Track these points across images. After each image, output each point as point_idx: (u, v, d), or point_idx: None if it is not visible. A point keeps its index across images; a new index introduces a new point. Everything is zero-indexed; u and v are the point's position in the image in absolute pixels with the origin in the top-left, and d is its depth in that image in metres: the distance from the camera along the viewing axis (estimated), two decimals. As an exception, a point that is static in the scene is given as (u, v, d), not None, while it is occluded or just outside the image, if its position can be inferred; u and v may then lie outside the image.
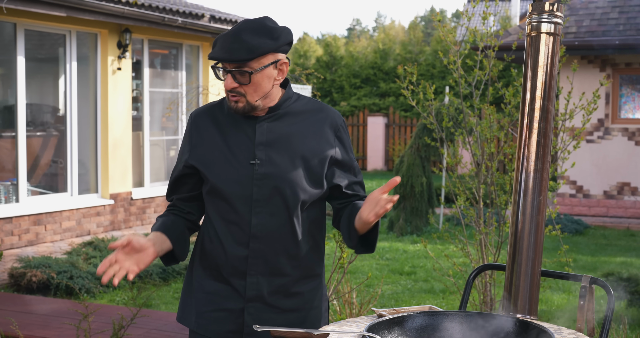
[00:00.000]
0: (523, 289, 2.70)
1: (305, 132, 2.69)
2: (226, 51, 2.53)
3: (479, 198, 6.53)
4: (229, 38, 2.55)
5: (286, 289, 2.69)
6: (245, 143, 2.65)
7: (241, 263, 2.64)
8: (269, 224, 2.63)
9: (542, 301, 7.45)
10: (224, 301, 2.67)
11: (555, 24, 2.73)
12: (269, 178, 2.63)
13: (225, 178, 2.63)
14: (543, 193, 2.72)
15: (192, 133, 2.74)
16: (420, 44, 25.15)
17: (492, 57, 6.32)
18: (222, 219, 2.66)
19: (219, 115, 2.72)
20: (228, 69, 2.56)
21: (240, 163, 2.63)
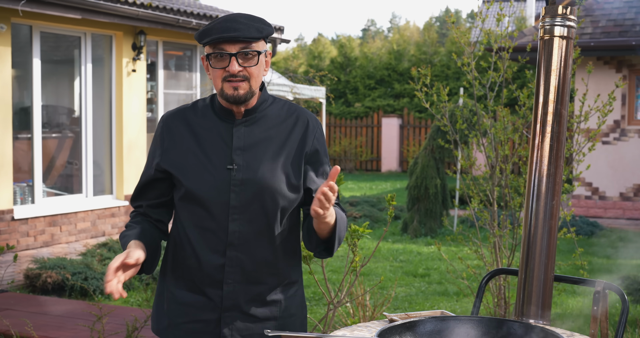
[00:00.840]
0: (536, 294, 2.68)
1: (282, 137, 2.62)
2: (234, 30, 2.46)
3: (493, 200, 6.51)
4: (229, 22, 2.49)
5: (263, 297, 2.63)
6: (222, 148, 2.57)
7: (217, 272, 2.57)
8: (246, 231, 2.56)
9: (557, 304, 7.42)
10: (199, 312, 2.59)
11: (569, 28, 2.71)
12: (247, 183, 2.55)
13: (201, 184, 2.55)
14: (556, 198, 2.71)
15: (163, 136, 2.64)
16: (435, 45, 25.10)
17: (507, 58, 6.30)
18: (195, 226, 2.58)
19: (192, 118, 2.64)
20: (232, 52, 2.48)
21: (216, 168, 2.56)
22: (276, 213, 2.58)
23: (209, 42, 2.47)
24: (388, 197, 3.70)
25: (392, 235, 11.67)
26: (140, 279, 7.92)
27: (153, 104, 12.23)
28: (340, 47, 26.01)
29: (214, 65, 2.51)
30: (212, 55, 2.50)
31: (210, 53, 2.51)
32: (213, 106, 2.64)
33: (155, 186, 2.65)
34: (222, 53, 2.49)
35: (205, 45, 2.51)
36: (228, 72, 2.49)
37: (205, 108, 2.64)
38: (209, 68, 2.55)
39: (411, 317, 2.67)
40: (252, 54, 2.51)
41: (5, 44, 9.28)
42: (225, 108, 2.60)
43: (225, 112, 2.60)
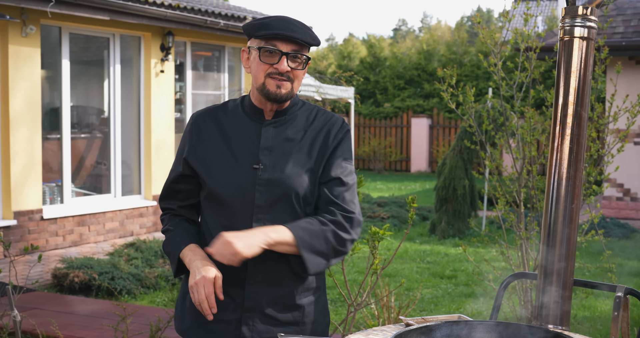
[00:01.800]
0: (554, 299, 2.64)
1: (309, 140, 2.62)
2: (292, 31, 2.48)
3: (519, 202, 6.45)
4: (286, 22, 2.52)
5: (285, 301, 2.61)
6: (249, 147, 2.58)
7: (240, 272, 2.55)
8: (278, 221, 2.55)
9: (585, 307, 7.33)
10: (221, 312, 2.56)
11: (589, 28, 2.67)
12: (272, 184, 2.55)
13: (225, 182, 2.55)
14: (575, 201, 2.66)
15: (192, 133, 2.66)
16: (465, 45, 24.97)
17: (534, 59, 6.23)
18: (220, 225, 2.57)
19: (221, 117, 2.65)
20: (283, 51, 2.50)
21: (242, 167, 2.56)
22: (300, 213, 2.58)
23: (266, 36, 2.48)
24: (409, 199, 3.67)
25: (419, 236, 11.61)
26: (166, 279, 7.96)
27: (181, 105, 12.28)
28: (370, 47, 25.95)
29: (263, 59, 2.51)
30: (264, 49, 2.51)
31: (262, 46, 2.51)
32: (243, 106, 2.66)
33: (184, 185, 2.66)
34: (275, 50, 2.50)
35: (258, 37, 2.52)
36: (276, 69, 2.51)
37: (235, 108, 2.66)
38: (253, 61, 2.55)
39: (427, 321, 2.64)
40: (301, 59, 2.54)
41: (35, 45, 9.37)
42: (256, 107, 2.62)
43: (256, 111, 2.62)
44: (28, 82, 9.31)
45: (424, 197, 16.50)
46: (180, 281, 7.92)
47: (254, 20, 2.56)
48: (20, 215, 9.23)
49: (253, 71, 2.55)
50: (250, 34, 2.54)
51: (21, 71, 9.23)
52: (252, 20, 2.57)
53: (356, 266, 9.11)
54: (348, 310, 4.03)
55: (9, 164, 9.14)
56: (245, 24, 2.58)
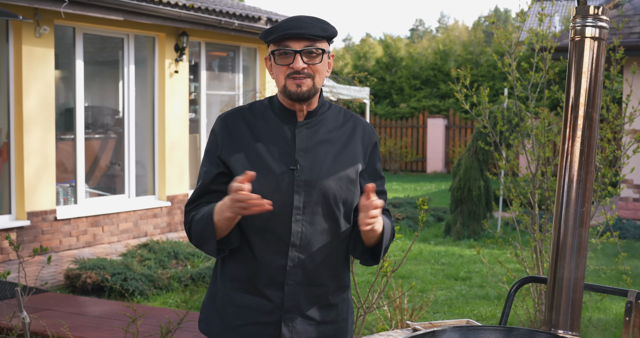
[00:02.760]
0: (565, 304, 2.59)
1: (342, 140, 2.63)
2: (299, 28, 2.47)
3: (534, 203, 6.38)
4: (294, 21, 2.50)
5: (322, 300, 2.61)
6: (284, 148, 2.56)
7: (278, 273, 2.54)
8: (308, 232, 2.54)
9: (599, 309, 7.25)
10: (258, 314, 2.56)
11: (601, 28, 2.61)
12: (310, 185, 2.54)
13: (265, 184, 2.51)
14: (586, 204, 2.61)
15: (223, 134, 2.60)
16: (482, 45, 24.86)
17: (548, 59, 6.17)
18: (256, 227, 2.54)
19: (251, 119, 2.62)
20: (297, 49, 2.49)
21: (279, 169, 2.53)
22: (337, 214, 2.58)
23: (274, 39, 2.48)
24: (420, 201, 3.63)
25: (434, 237, 11.55)
26: (179, 280, 7.95)
27: (196, 105, 12.28)
28: (386, 47, 25.89)
29: (278, 62, 2.51)
30: (277, 52, 2.51)
31: (274, 50, 2.52)
32: (273, 107, 2.63)
33: (218, 185, 2.59)
34: (287, 50, 2.49)
35: (270, 43, 2.52)
36: (292, 68, 2.49)
37: (265, 109, 2.63)
38: (272, 67, 2.56)
39: (435, 326, 2.60)
40: (316, 53, 2.52)
41: (49, 45, 9.39)
42: (287, 109, 2.60)
43: (288, 113, 2.60)
44: (42, 82, 9.33)
45: (439, 198, 16.42)
46: (193, 283, 7.90)
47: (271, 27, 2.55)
48: (34, 216, 9.24)
49: (275, 76, 2.56)
50: (265, 41, 2.55)
51: (35, 72, 9.24)
52: (267, 28, 2.56)
53: (370, 267, 9.07)
54: (357, 313, 3.98)
55: (22, 165, 9.16)
56: (260, 34, 2.57)
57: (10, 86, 9.17)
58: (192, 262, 8.64)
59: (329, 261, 2.60)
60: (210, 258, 8.81)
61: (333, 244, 2.60)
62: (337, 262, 2.63)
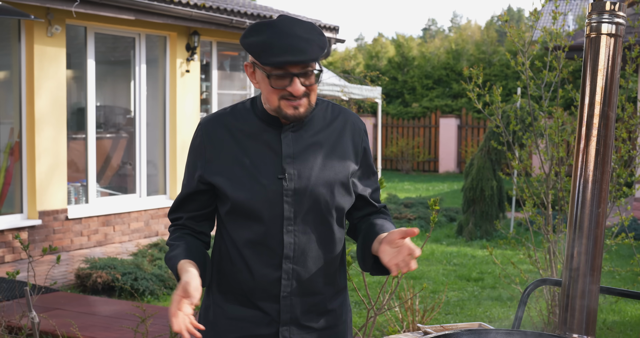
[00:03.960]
0: (580, 307, 2.53)
1: (331, 141, 2.49)
2: (299, 52, 2.26)
3: (547, 203, 6.32)
4: (290, 38, 2.27)
5: (319, 308, 2.53)
6: (269, 156, 2.42)
7: (273, 286, 2.44)
8: (301, 242, 2.43)
9: (614, 311, 7.18)
10: (254, 326, 2.47)
11: (617, 25, 2.56)
12: (300, 193, 2.41)
13: (252, 196, 2.39)
14: (602, 205, 2.55)
15: (204, 144, 2.46)
16: (494, 44, 24.75)
17: (562, 58, 6.10)
18: (247, 240, 2.43)
19: (232, 124, 2.46)
20: (294, 72, 2.28)
21: (267, 178, 2.40)
22: (331, 221, 2.47)
23: (275, 65, 2.26)
24: (431, 202, 3.57)
25: (446, 237, 11.48)
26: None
27: (207, 105, 12.25)
28: (398, 46, 25.82)
29: (275, 84, 2.31)
30: (274, 75, 2.30)
31: (270, 74, 2.30)
32: (255, 111, 2.47)
33: (197, 199, 2.50)
34: (286, 74, 2.29)
35: (263, 64, 2.29)
36: (288, 91, 2.32)
37: (247, 113, 2.48)
38: (261, 81, 2.36)
39: (446, 329, 2.55)
40: (312, 72, 2.34)
41: (60, 45, 9.38)
42: (270, 114, 2.43)
43: (270, 117, 2.44)
44: (53, 82, 9.32)
45: (451, 198, 16.35)
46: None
47: (250, 35, 2.31)
48: (45, 215, 9.24)
49: (264, 92, 2.37)
50: (258, 60, 2.30)
51: (47, 71, 9.24)
52: (250, 37, 2.32)
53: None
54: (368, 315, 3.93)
55: (34, 164, 9.15)
56: (243, 40, 2.33)
57: (22, 86, 9.16)
58: (203, 262, 8.61)
59: (324, 269, 2.49)
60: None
61: (327, 251, 2.50)
62: (332, 269, 2.53)
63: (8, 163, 9.36)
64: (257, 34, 2.30)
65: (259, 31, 2.30)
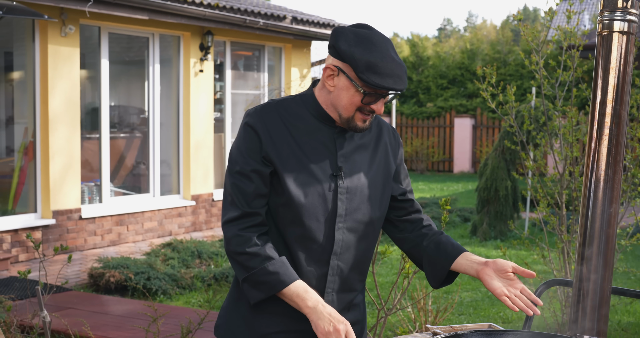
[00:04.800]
0: (591, 308, 2.50)
1: (372, 145, 2.57)
2: (401, 81, 2.37)
3: (561, 203, 6.28)
4: (394, 63, 2.36)
5: (351, 303, 2.58)
6: (324, 154, 2.46)
7: (319, 281, 2.47)
8: (348, 239, 2.49)
9: (629, 312, 7.12)
10: (295, 322, 2.45)
11: (630, 22, 2.53)
12: (352, 192, 2.48)
13: (309, 191, 2.41)
14: (614, 205, 2.52)
15: (262, 131, 2.42)
16: (510, 44, 24.65)
17: (577, 57, 6.06)
18: (297, 236, 2.44)
19: (286, 117, 2.46)
20: (384, 94, 2.39)
21: (324, 176, 2.44)
22: (374, 220, 2.55)
23: (379, 87, 2.33)
24: (442, 202, 3.55)
25: (461, 237, 11.43)
26: (202, 279, 7.91)
27: (221, 104, 12.25)
28: (413, 46, 25.76)
29: (365, 101, 2.38)
30: (368, 93, 2.37)
31: (365, 91, 2.37)
32: (308, 108, 2.49)
33: (265, 193, 2.43)
34: (379, 94, 2.39)
35: (364, 81, 2.34)
36: (370, 108, 2.41)
37: (300, 110, 2.49)
38: (345, 91, 2.40)
39: (456, 330, 2.53)
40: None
41: (74, 44, 9.40)
42: (325, 113, 2.48)
43: (326, 117, 2.48)
44: (67, 82, 9.35)
45: (466, 198, 16.28)
46: (216, 283, 7.85)
47: (355, 46, 2.35)
48: (59, 214, 9.26)
49: (343, 101, 2.41)
50: (353, 67, 2.35)
51: (60, 71, 9.26)
52: (353, 47, 2.35)
53: (395, 267, 8.98)
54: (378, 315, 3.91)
55: (48, 164, 9.18)
56: (346, 48, 2.36)
57: (36, 85, 9.19)
58: (216, 262, 8.61)
59: (361, 266, 2.57)
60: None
61: (367, 249, 2.57)
62: (366, 266, 2.61)
63: (22, 162, 9.39)
64: (363, 49, 2.36)
65: (365, 46, 2.36)
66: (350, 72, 2.37)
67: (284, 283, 2.34)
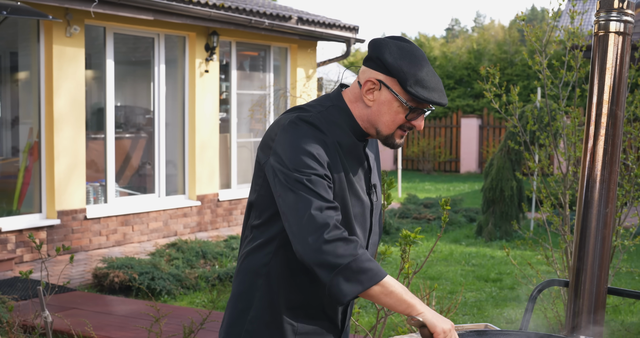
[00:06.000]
0: (587, 308, 2.51)
1: (376, 156, 2.58)
2: (444, 96, 2.34)
3: (564, 204, 6.27)
4: (437, 78, 2.34)
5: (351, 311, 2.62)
6: (360, 171, 2.42)
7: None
8: (371, 253, 2.51)
9: (632, 313, 7.10)
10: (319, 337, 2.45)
11: (625, 23, 2.53)
12: (376, 206, 2.50)
13: (356, 211, 2.38)
14: (610, 205, 2.52)
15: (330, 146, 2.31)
16: (517, 44, 24.62)
17: (580, 57, 6.05)
18: None
19: (331, 132, 2.36)
20: (426, 110, 2.35)
21: (362, 193, 2.41)
22: (381, 232, 2.59)
23: (427, 101, 2.29)
24: (442, 202, 3.54)
25: (466, 238, 11.42)
26: (206, 280, 7.92)
27: (227, 105, 12.26)
28: (420, 46, 25.74)
29: (410, 117, 2.33)
30: (413, 108, 2.32)
31: (414, 107, 2.32)
32: (345, 121, 2.39)
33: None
34: (424, 111, 2.35)
35: (412, 95, 2.28)
36: (411, 124, 2.36)
37: (339, 121, 2.39)
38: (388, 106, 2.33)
39: (452, 330, 2.52)
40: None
41: (79, 45, 9.42)
42: (359, 128, 2.40)
43: (360, 132, 2.41)
44: (72, 82, 9.37)
45: (472, 198, 16.27)
46: (220, 283, 7.86)
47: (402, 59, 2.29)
48: (64, 215, 9.29)
49: (384, 117, 2.34)
50: (401, 81, 2.29)
51: (65, 71, 9.29)
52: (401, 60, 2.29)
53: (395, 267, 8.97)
54: (378, 315, 3.91)
55: (53, 164, 9.20)
56: (393, 61, 2.30)
57: (41, 86, 9.22)
58: (220, 262, 8.62)
59: None
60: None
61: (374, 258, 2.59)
62: None
63: (27, 162, 9.42)
64: (409, 63, 2.30)
65: (410, 60, 2.31)
66: (395, 86, 2.31)
67: (382, 273, 2.20)
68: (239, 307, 2.43)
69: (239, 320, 2.42)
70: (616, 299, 7.22)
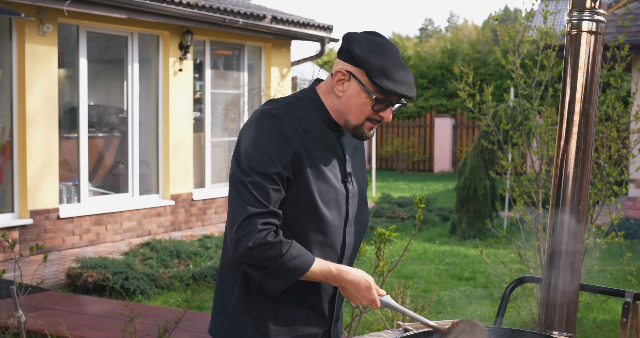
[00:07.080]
0: (560, 305, 2.53)
1: (359, 145, 2.62)
2: (412, 89, 2.38)
3: (537, 202, 6.32)
4: (406, 72, 2.38)
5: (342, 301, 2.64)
6: (335, 159, 2.46)
7: (331, 286, 2.50)
8: (353, 242, 2.54)
9: (605, 310, 7.18)
10: (306, 327, 2.48)
11: (598, 22, 2.56)
12: (355, 196, 2.52)
13: (327, 197, 2.41)
14: (582, 203, 2.55)
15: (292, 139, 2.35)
16: (490, 44, 24.76)
17: (553, 56, 6.10)
18: (317, 242, 2.42)
19: (302, 123, 2.40)
20: (394, 101, 2.40)
21: (337, 181, 2.44)
22: (367, 220, 2.61)
23: (392, 93, 2.34)
24: (417, 200, 3.56)
25: (440, 236, 11.48)
26: (180, 279, 7.90)
27: (201, 104, 12.23)
28: (393, 46, 25.82)
29: (376, 108, 2.38)
30: (379, 99, 2.37)
31: (380, 98, 2.37)
32: (317, 112, 2.45)
33: (279, 194, 2.34)
34: (390, 103, 2.40)
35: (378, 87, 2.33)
36: (380, 116, 2.41)
37: (310, 113, 2.44)
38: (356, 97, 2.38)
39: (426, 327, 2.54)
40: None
41: (52, 43, 9.36)
42: (331, 118, 2.46)
43: (333, 122, 2.46)
44: (45, 80, 9.30)
45: (446, 197, 16.35)
46: (194, 282, 7.84)
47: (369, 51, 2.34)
48: (37, 214, 9.22)
49: (352, 107, 2.39)
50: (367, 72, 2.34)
51: (38, 70, 9.21)
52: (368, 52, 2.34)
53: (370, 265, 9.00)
54: (353, 313, 3.93)
55: (25, 163, 9.13)
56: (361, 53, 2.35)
57: (13, 84, 9.14)
58: (194, 261, 8.60)
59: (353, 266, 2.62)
60: (213, 257, 8.77)
61: (359, 249, 2.64)
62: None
63: (-1, 162, 9.34)
64: (377, 55, 2.36)
65: (378, 53, 2.36)
66: (362, 77, 2.37)
67: (307, 265, 2.31)
68: (222, 297, 2.51)
69: (223, 309, 2.49)
70: (588, 297, 7.29)
